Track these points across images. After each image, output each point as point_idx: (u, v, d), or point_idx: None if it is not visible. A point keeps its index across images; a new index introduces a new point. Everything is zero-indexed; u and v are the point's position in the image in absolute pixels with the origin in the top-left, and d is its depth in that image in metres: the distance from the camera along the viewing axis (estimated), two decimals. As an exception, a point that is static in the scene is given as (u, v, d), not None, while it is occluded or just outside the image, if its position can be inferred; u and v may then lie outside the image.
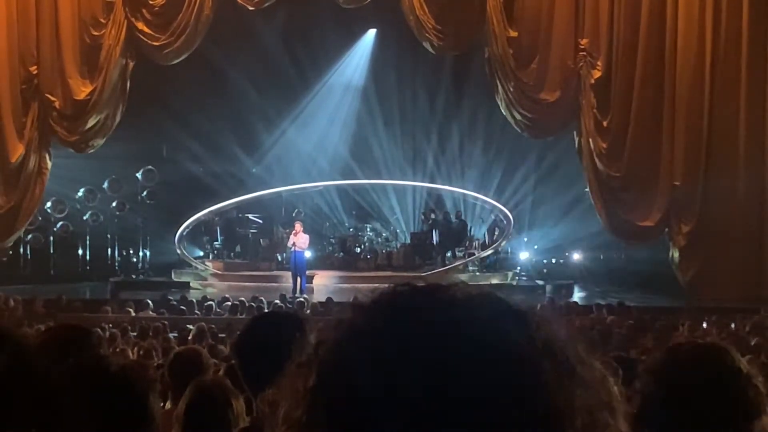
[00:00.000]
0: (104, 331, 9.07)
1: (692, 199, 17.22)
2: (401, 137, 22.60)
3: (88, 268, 21.59)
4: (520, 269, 21.30)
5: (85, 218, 21.48)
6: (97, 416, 2.20)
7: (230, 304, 14.26)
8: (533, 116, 18.10)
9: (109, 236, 21.83)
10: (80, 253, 21.84)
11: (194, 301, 15.00)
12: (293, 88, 21.80)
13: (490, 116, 20.09)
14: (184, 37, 18.17)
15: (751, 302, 14.77)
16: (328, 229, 22.71)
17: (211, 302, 14.63)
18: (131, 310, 14.04)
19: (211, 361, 4.96)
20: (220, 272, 20.35)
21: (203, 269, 20.32)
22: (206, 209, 20.49)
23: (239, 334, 3.14)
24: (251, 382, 2.74)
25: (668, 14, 17.15)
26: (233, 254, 21.57)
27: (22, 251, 20.92)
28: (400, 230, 22.78)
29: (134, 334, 10.60)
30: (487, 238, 21.51)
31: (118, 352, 7.86)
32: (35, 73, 18.30)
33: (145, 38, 18.33)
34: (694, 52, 17.13)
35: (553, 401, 0.83)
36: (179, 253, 20.12)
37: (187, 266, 20.38)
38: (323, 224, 22.64)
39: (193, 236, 20.96)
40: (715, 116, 17.15)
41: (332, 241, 22.33)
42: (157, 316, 13.21)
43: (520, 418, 0.82)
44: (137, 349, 8.82)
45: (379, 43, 22.07)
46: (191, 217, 20.16)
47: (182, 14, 18.04)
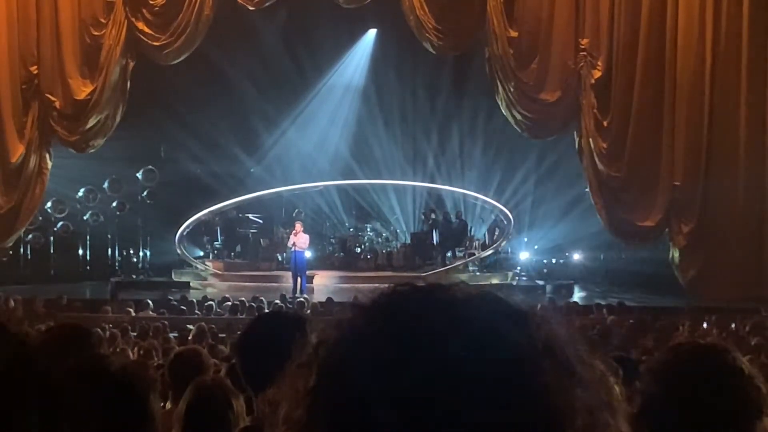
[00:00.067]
0: (104, 331, 9.05)
1: (692, 199, 17.22)
2: (401, 137, 22.59)
3: (88, 268, 21.60)
4: (520, 269, 21.30)
5: (85, 218, 21.48)
6: (97, 416, 2.20)
7: (230, 304, 14.26)
8: (533, 116, 18.10)
9: (109, 236, 21.84)
10: (80, 253, 21.86)
11: (194, 301, 15.01)
12: (293, 88, 21.81)
13: (490, 116, 20.08)
14: (184, 37, 18.16)
15: (751, 302, 14.76)
16: (328, 229, 22.71)
17: (211, 302, 14.64)
18: (131, 310, 14.04)
19: (211, 361, 4.95)
20: (220, 272, 20.36)
21: (203, 269, 20.32)
22: (206, 209, 20.49)
23: (241, 333, 3.14)
24: (252, 381, 2.74)
25: (668, 14, 17.15)
26: (233, 254, 21.57)
27: (22, 251, 20.91)
28: (400, 230, 22.77)
29: (134, 334, 10.60)
30: (487, 238, 21.51)
31: (118, 352, 7.87)
32: (35, 73, 18.29)
33: (145, 38, 18.33)
34: (694, 52, 17.13)
35: (553, 401, 0.83)
36: (179, 253, 20.11)
37: (187, 266, 20.38)
38: (323, 224, 22.64)
39: (193, 236, 20.95)
40: (715, 116, 17.14)
41: (332, 241, 22.33)
42: (157, 316, 13.21)
43: (520, 418, 0.82)
44: (137, 349, 8.84)
45: (379, 43, 22.06)
46: (191, 217, 20.15)
47: (182, 14, 18.04)
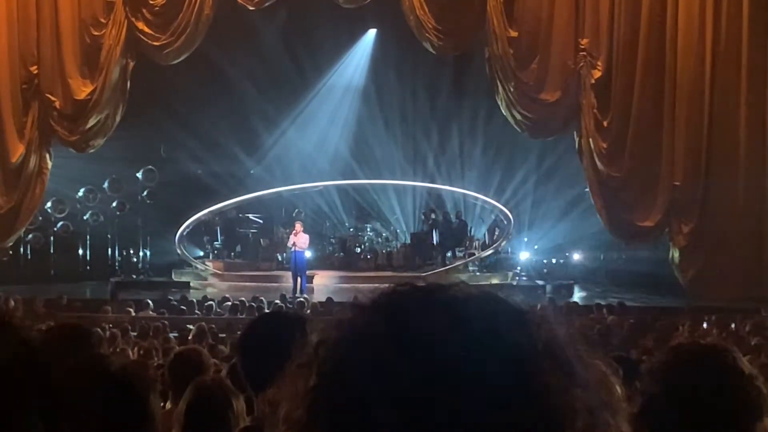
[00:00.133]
0: (104, 330, 9.05)
1: (692, 199, 17.20)
2: (401, 137, 22.58)
3: (88, 268, 21.60)
4: (520, 269, 21.28)
5: (85, 218, 21.47)
6: (97, 416, 2.20)
7: (230, 304, 14.26)
8: (533, 116, 18.08)
9: (109, 236, 21.84)
10: (80, 253, 21.85)
11: (194, 301, 15.00)
12: (293, 88, 21.80)
13: (490, 116, 20.06)
14: (184, 36, 18.15)
15: (751, 302, 14.76)
16: (328, 229, 22.70)
17: (211, 302, 14.64)
18: (131, 309, 14.03)
19: (211, 361, 4.95)
20: (220, 272, 20.36)
21: (203, 269, 20.32)
22: (206, 209, 20.48)
23: (242, 333, 3.14)
24: (253, 381, 2.73)
25: (668, 14, 17.13)
26: (233, 254, 21.57)
27: (22, 251, 20.91)
28: (400, 230, 22.77)
29: (134, 333, 10.60)
30: (487, 238, 21.51)
31: (118, 351, 7.86)
32: (36, 72, 18.28)
33: (145, 38, 18.32)
34: (694, 52, 17.12)
35: (553, 401, 0.83)
36: (179, 253, 20.11)
37: (187, 266, 20.38)
38: (323, 224, 22.63)
39: (193, 236, 20.94)
40: (715, 116, 17.13)
41: (332, 241, 22.33)
42: (157, 316, 13.20)
43: (520, 418, 0.82)
44: (137, 348, 8.84)
45: (379, 43, 22.05)
46: (191, 217, 20.15)
47: (182, 14, 18.03)
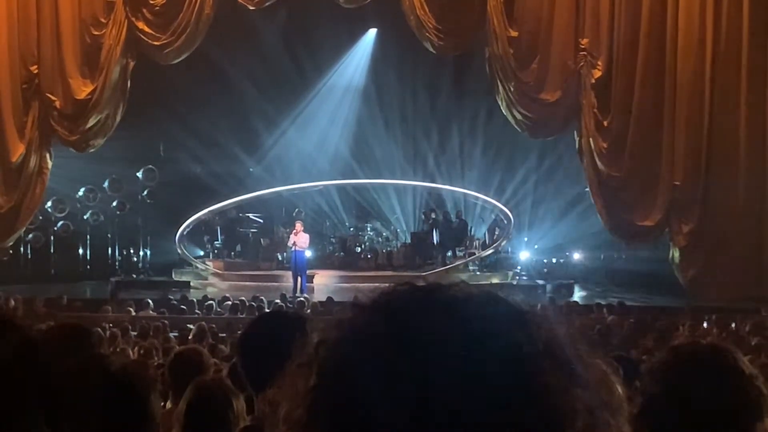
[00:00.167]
0: (105, 330, 9.05)
1: (693, 198, 17.20)
2: (402, 137, 22.57)
3: (88, 267, 21.61)
4: (520, 269, 21.28)
5: (85, 218, 21.48)
6: (97, 416, 2.20)
7: (231, 303, 14.25)
8: (534, 116, 18.08)
9: (109, 236, 21.85)
10: (81, 252, 21.86)
11: (195, 300, 15.01)
12: (293, 87, 21.80)
13: (490, 116, 20.07)
14: (184, 36, 18.15)
15: (751, 302, 14.76)
16: (328, 228, 22.70)
17: (211, 302, 14.63)
18: (132, 309, 14.02)
19: (211, 360, 4.95)
20: (220, 272, 20.36)
21: (204, 269, 20.32)
22: (206, 209, 20.48)
23: (242, 332, 3.14)
24: (253, 381, 2.73)
25: (669, 14, 17.13)
26: (234, 254, 21.57)
27: (22, 251, 20.91)
28: (400, 230, 22.77)
29: (135, 333, 10.59)
30: (487, 237, 21.51)
31: (118, 351, 7.86)
32: (36, 72, 18.29)
33: (145, 38, 18.32)
34: (694, 51, 17.11)
35: (553, 401, 0.83)
36: (180, 252, 20.12)
37: (187, 266, 20.38)
38: (324, 224, 22.63)
39: (193, 236, 20.95)
40: (715, 116, 17.12)
41: (333, 240, 22.33)
42: (157, 315, 13.19)
43: (520, 418, 0.82)
44: (138, 348, 8.83)
45: (379, 43, 22.05)
46: (191, 216, 20.16)
47: (183, 14, 18.03)
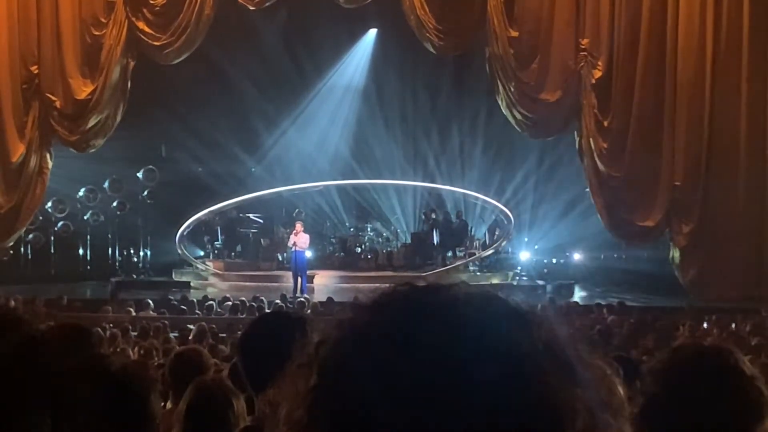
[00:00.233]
0: (105, 330, 9.04)
1: (693, 199, 17.21)
2: (402, 137, 22.57)
3: (88, 267, 21.60)
4: (520, 269, 21.27)
5: (85, 218, 21.48)
6: (97, 416, 2.20)
7: (231, 303, 14.25)
8: (534, 116, 18.09)
9: (109, 236, 21.84)
10: (81, 252, 21.85)
11: (195, 300, 15.00)
12: (293, 88, 21.80)
13: (490, 116, 20.06)
14: (184, 36, 18.16)
15: (751, 302, 14.77)
16: (328, 228, 22.70)
17: (211, 302, 14.63)
18: (132, 309, 14.03)
19: (211, 360, 4.95)
20: (220, 272, 20.36)
21: (204, 269, 20.32)
22: (207, 209, 20.48)
23: (242, 333, 3.14)
24: (253, 381, 2.73)
25: (669, 14, 17.14)
26: (234, 254, 21.56)
27: (22, 251, 20.91)
28: (400, 230, 22.76)
29: (135, 333, 10.59)
30: (487, 237, 21.50)
31: (118, 351, 7.86)
32: (36, 72, 18.29)
33: (145, 38, 18.33)
34: (694, 51, 17.12)
35: (553, 402, 0.83)
36: (180, 252, 20.11)
37: (187, 266, 20.38)
38: (324, 224, 22.62)
39: (193, 236, 20.95)
40: (715, 116, 17.13)
41: (333, 240, 22.32)
42: (157, 315, 13.19)
43: (520, 418, 0.82)
44: (138, 348, 8.83)
45: (379, 43, 22.05)
46: (192, 216, 20.15)
47: (183, 14, 18.04)
